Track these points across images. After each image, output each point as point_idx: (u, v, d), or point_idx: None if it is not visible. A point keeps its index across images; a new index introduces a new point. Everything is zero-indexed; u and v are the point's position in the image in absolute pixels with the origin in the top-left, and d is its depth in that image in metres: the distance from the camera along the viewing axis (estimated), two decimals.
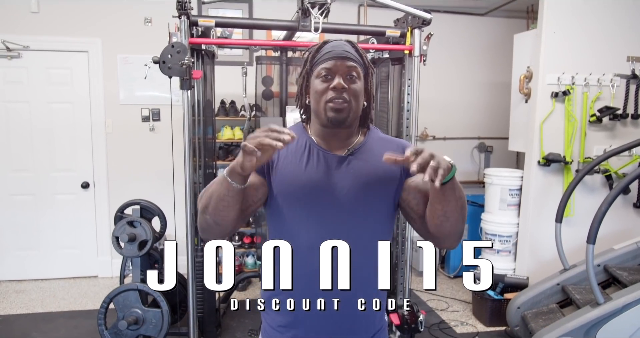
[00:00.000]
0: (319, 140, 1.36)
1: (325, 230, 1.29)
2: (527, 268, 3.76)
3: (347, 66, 1.28)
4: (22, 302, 3.98)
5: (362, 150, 1.35)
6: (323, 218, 1.31)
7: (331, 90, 1.27)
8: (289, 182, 1.31)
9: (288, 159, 1.34)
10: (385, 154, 1.13)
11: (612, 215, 3.29)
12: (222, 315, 3.59)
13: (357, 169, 1.32)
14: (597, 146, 3.70)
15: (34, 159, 4.37)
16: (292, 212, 1.32)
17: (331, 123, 1.29)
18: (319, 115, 1.32)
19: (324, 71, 1.29)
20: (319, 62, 1.31)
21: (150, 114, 4.49)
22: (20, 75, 4.27)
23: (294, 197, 1.32)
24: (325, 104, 1.28)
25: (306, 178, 1.31)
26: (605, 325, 2.74)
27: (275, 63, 3.84)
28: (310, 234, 1.30)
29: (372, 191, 1.32)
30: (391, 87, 3.33)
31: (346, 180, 1.31)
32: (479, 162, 5.23)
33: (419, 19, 2.89)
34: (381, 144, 1.39)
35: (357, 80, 1.30)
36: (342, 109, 1.27)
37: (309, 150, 1.34)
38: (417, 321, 3.06)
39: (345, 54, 1.29)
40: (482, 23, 5.07)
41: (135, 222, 3.02)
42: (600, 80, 3.62)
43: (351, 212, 1.31)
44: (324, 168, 1.32)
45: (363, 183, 1.31)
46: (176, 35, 2.68)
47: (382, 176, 1.33)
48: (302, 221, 1.31)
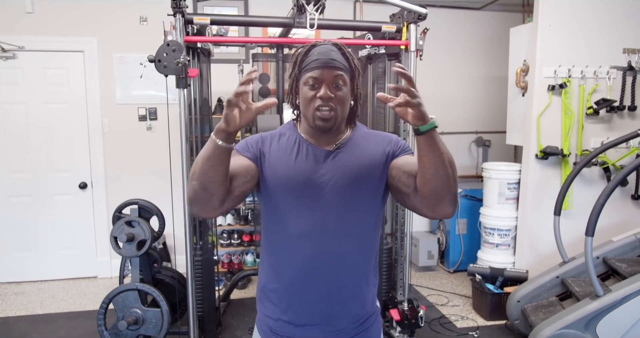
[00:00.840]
0: (308, 136, 1.43)
1: (314, 219, 1.36)
2: (527, 262, 3.77)
3: (333, 75, 1.33)
4: (22, 304, 3.97)
5: (349, 144, 1.42)
6: (312, 208, 1.36)
7: (319, 98, 1.33)
8: (279, 174, 1.37)
9: (279, 153, 1.40)
10: (379, 94, 1.18)
11: (611, 207, 3.30)
12: (222, 314, 3.59)
13: (344, 161, 1.39)
14: (595, 138, 3.70)
15: (32, 160, 4.36)
16: (282, 202, 1.38)
17: (318, 130, 1.37)
18: (307, 118, 1.38)
19: (311, 80, 1.34)
20: (306, 70, 1.35)
21: (147, 113, 4.48)
22: (16, 76, 4.25)
23: (284, 189, 1.37)
24: (313, 111, 1.34)
25: (295, 171, 1.37)
26: (605, 317, 2.75)
27: (272, 60, 3.83)
28: (300, 223, 1.36)
29: (357, 181, 1.38)
30: (388, 83, 3.32)
31: (333, 172, 1.37)
32: (477, 157, 5.23)
33: (415, 14, 2.88)
34: (366, 137, 1.46)
35: (343, 87, 1.35)
36: (329, 118, 1.34)
37: (299, 145, 1.41)
38: (417, 316, 3.07)
39: (331, 63, 1.33)
40: (478, 17, 5.06)
41: (133, 222, 3.01)
42: (597, 73, 3.62)
43: (338, 201, 1.36)
44: (312, 161, 1.38)
45: (349, 174, 1.37)
46: (171, 33, 2.66)
47: (366, 166, 1.39)
48: (292, 211, 1.37)
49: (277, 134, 1.46)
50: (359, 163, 1.38)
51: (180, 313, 3.23)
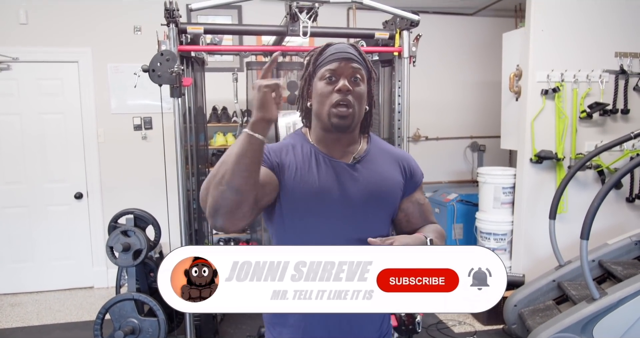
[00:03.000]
0: (321, 147, 1.35)
1: (334, 236, 1.31)
2: (523, 266, 3.77)
3: (352, 68, 1.27)
4: (18, 315, 3.95)
5: (368, 159, 1.37)
6: (332, 225, 1.31)
7: (336, 92, 1.26)
8: (299, 190, 1.29)
9: (298, 165, 1.32)
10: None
11: (605, 210, 3.31)
12: (220, 322, 3.58)
13: (365, 177, 1.34)
14: (589, 142, 3.72)
15: (27, 170, 4.35)
16: (301, 218, 1.31)
17: (335, 129, 1.30)
18: (321, 119, 1.30)
19: (328, 73, 1.27)
20: (322, 64, 1.29)
21: (142, 122, 4.48)
22: (10, 87, 4.25)
23: (304, 204, 1.30)
24: (329, 108, 1.27)
25: (317, 186, 1.30)
26: (601, 320, 2.75)
27: None
28: (319, 236, 1.31)
29: (379, 201, 1.35)
30: (382, 89, 3.34)
31: (355, 189, 1.32)
32: (472, 161, 5.25)
33: (408, 20, 2.91)
34: (384, 153, 1.42)
35: (361, 82, 1.29)
36: (347, 116, 1.27)
37: (316, 158, 1.33)
38: (414, 322, 3.06)
39: (349, 56, 1.28)
40: (471, 23, 5.09)
41: (129, 232, 3.01)
42: (589, 77, 3.64)
43: (356, 219, 1.32)
44: (333, 175, 1.32)
45: (370, 193, 1.33)
46: (165, 43, 2.68)
47: (389, 187, 1.37)
48: (311, 228, 1.32)
49: (289, 144, 1.37)
50: (379, 182, 1.35)
51: (177, 322, 3.21)
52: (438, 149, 5.14)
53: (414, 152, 4.90)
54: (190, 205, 3.00)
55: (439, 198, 4.74)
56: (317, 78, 1.30)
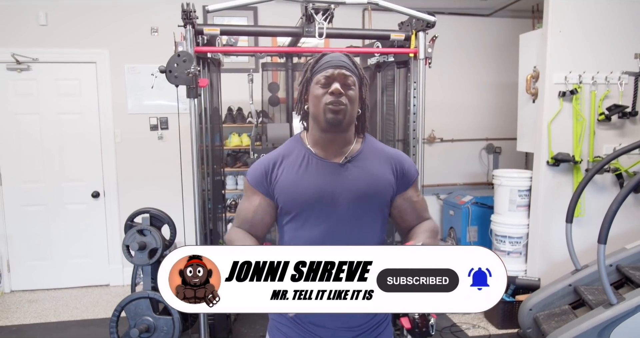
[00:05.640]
0: (316, 149, 1.47)
1: (325, 234, 1.40)
2: (539, 270, 3.73)
3: (344, 75, 1.39)
4: (35, 312, 4.01)
5: (359, 158, 1.46)
6: (322, 223, 1.41)
7: (329, 94, 1.38)
8: (289, 191, 1.43)
9: (287, 170, 1.45)
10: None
11: (624, 214, 3.26)
12: (233, 322, 3.60)
13: (355, 176, 1.43)
14: (607, 145, 3.67)
15: (45, 169, 4.42)
16: (294, 218, 1.44)
17: (329, 124, 1.39)
18: (317, 118, 1.42)
19: (323, 79, 1.40)
20: (318, 71, 1.42)
21: (158, 122, 4.52)
22: (30, 87, 4.32)
23: (294, 205, 1.43)
24: (324, 105, 1.38)
25: (305, 187, 1.42)
26: (618, 326, 2.71)
27: (281, 69, 3.86)
28: (312, 234, 1.41)
29: (368, 198, 1.43)
30: (397, 91, 3.33)
31: (344, 187, 1.42)
32: (488, 164, 5.21)
33: (423, 21, 2.89)
34: (376, 153, 1.50)
35: (352, 87, 1.41)
36: (340, 110, 1.38)
37: (308, 161, 1.45)
38: (428, 325, 3.02)
39: (342, 64, 1.41)
40: (487, 24, 5.05)
41: (145, 231, 3.04)
42: (608, 78, 3.59)
43: (349, 217, 1.41)
44: (322, 176, 1.42)
45: (360, 191, 1.42)
46: (182, 44, 2.70)
47: (378, 185, 1.44)
48: (305, 225, 1.42)
49: (282, 154, 1.49)
50: (368, 180, 1.44)
51: (191, 321, 3.24)
52: (453, 150, 5.11)
53: (429, 154, 4.88)
54: (206, 204, 3.02)
55: (453, 200, 4.71)
56: (313, 83, 1.42)
